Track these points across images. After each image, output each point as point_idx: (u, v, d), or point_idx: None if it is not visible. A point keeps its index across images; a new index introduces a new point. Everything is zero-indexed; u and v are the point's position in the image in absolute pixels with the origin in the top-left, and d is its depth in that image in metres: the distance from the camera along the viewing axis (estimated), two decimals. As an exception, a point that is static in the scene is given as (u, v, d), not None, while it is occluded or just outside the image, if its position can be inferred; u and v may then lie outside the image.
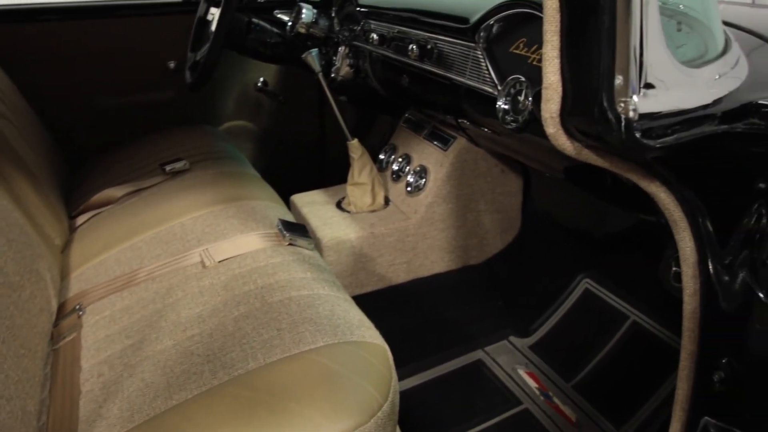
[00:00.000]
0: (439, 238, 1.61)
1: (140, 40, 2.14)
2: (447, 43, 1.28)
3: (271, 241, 1.22)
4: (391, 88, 1.63)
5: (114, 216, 1.50)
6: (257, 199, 1.45)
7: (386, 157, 1.78)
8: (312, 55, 1.58)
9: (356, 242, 1.52)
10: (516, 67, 1.06)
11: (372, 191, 1.61)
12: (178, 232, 1.31)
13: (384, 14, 1.58)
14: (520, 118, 1.01)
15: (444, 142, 1.61)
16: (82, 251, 1.38)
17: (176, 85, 2.22)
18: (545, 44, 0.63)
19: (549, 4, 0.62)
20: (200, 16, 1.90)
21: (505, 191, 1.65)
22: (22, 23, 1.97)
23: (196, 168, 1.68)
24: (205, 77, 1.72)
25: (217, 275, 1.12)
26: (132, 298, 1.13)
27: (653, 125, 0.61)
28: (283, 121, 2.43)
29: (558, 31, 0.62)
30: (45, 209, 1.37)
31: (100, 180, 1.78)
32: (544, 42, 0.63)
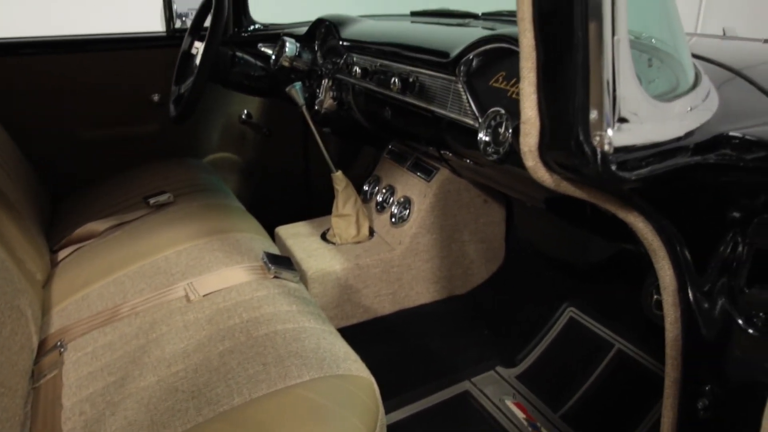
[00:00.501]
0: (423, 268, 1.62)
1: (124, 73, 2.15)
2: (428, 76, 1.31)
3: (256, 274, 1.22)
4: (374, 120, 1.65)
5: (97, 250, 1.49)
6: (242, 232, 1.45)
7: (370, 188, 1.79)
8: (295, 88, 1.60)
9: (341, 274, 1.52)
10: (496, 100, 1.08)
11: (356, 223, 1.61)
12: (162, 265, 1.30)
13: (366, 48, 1.61)
14: (501, 150, 1.03)
15: (427, 173, 1.63)
16: (64, 286, 1.37)
17: (160, 118, 2.23)
18: (522, 80, 0.65)
19: (525, 42, 0.64)
20: (184, 50, 1.92)
21: (488, 221, 1.66)
22: (3, 57, 1.98)
23: (180, 201, 1.68)
24: (189, 110, 1.73)
25: (201, 309, 1.11)
26: (115, 334, 1.12)
27: (628, 158, 0.63)
28: (268, 153, 2.44)
29: (534, 67, 0.64)
30: (26, 243, 1.36)
31: (82, 213, 1.77)
32: (521, 78, 0.65)
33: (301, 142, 2.46)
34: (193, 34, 1.92)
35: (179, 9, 2.37)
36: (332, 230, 1.64)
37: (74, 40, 2.09)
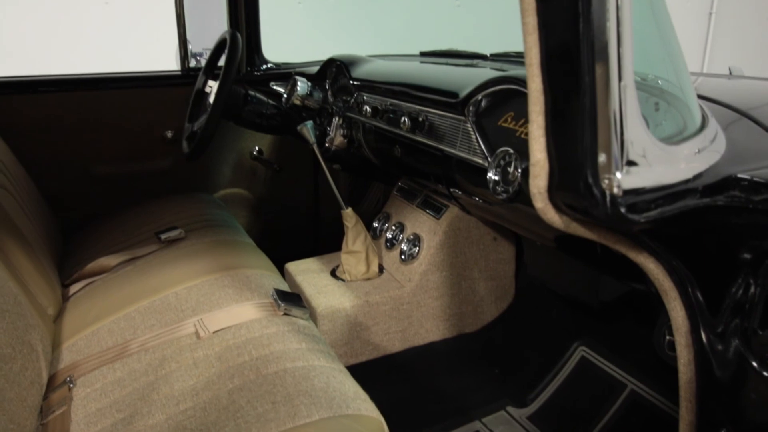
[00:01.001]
0: (433, 306, 1.61)
1: (139, 110, 2.19)
2: (438, 115, 1.33)
3: (266, 310, 1.22)
4: (383, 157, 1.67)
5: (108, 285, 1.50)
6: (252, 268, 1.46)
7: (380, 225, 1.80)
8: (307, 127, 1.63)
9: (351, 311, 1.52)
10: (505, 139, 1.10)
11: (366, 259, 1.62)
12: (172, 301, 1.31)
13: (376, 87, 1.64)
14: (511, 189, 1.04)
15: (437, 210, 1.64)
16: (74, 321, 1.37)
17: (173, 154, 2.27)
18: (531, 123, 0.66)
19: (533, 86, 0.65)
20: (198, 88, 1.96)
21: (498, 259, 1.66)
22: (23, 94, 2.03)
23: (191, 236, 1.69)
24: (202, 147, 1.76)
25: (211, 346, 1.11)
26: (124, 370, 1.11)
27: (637, 200, 0.64)
28: (278, 189, 2.47)
29: (542, 111, 0.65)
30: (39, 278, 1.37)
31: (94, 248, 1.79)
32: (529, 121, 0.66)
33: (311, 179, 2.48)
34: (208, 72, 1.96)
35: (194, 48, 2.43)
36: (342, 267, 1.64)
37: (91, 78, 2.15)
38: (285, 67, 2.43)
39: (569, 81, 0.62)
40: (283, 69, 2.42)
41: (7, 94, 2.00)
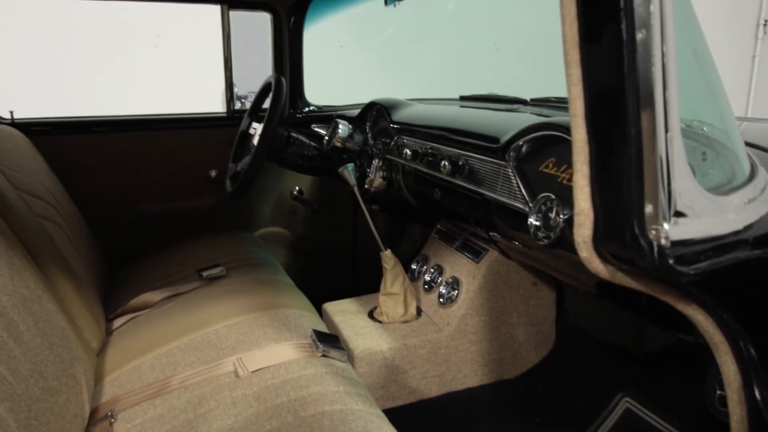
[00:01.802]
0: (472, 351, 1.59)
1: (185, 150, 2.27)
2: (478, 160, 1.34)
3: (305, 351, 1.23)
4: (423, 200, 1.68)
5: (150, 320, 1.53)
6: (291, 308, 1.47)
7: (418, 267, 1.80)
8: (348, 169, 1.65)
9: (388, 354, 1.51)
10: (546, 185, 1.09)
11: (404, 302, 1.61)
12: (212, 339, 1.32)
13: (416, 131, 1.66)
14: (552, 235, 1.03)
15: (476, 254, 1.63)
16: (117, 355, 1.40)
17: (216, 192, 2.33)
18: (575, 173, 0.66)
19: (577, 136, 0.65)
20: (243, 130, 2.02)
21: (538, 304, 1.64)
22: (76, 134, 2.13)
23: (232, 274, 1.72)
24: (245, 187, 1.80)
25: (250, 386, 1.12)
26: (164, 407, 1.13)
27: (686, 251, 0.63)
28: (317, 229, 2.50)
29: (587, 161, 0.65)
30: (85, 312, 1.41)
31: (138, 283, 1.83)
32: (574, 170, 0.66)
33: (349, 219, 2.51)
34: (252, 115, 2.02)
35: (239, 92, 2.51)
36: (380, 308, 1.64)
37: (141, 119, 2.24)
38: (326, 110, 2.49)
39: (614, 131, 0.62)
40: (325, 111, 2.48)
41: (62, 134, 2.11)
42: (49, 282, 1.27)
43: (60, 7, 4.05)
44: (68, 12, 4.18)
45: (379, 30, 4.38)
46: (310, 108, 2.49)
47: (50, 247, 1.40)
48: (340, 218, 2.49)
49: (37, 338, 1.04)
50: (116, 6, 2.49)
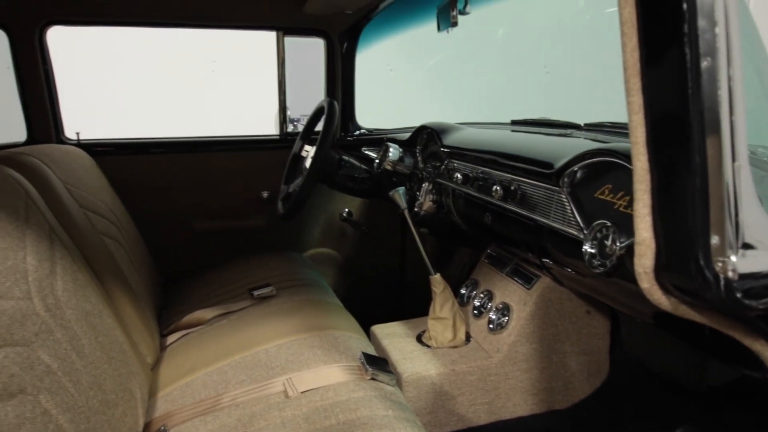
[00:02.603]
0: (522, 379, 1.55)
1: (238, 171, 2.33)
2: (530, 185, 1.32)
3: (354, 374, 1.23)
4: (473, 224, 1.67)
5: (203, 338, 1.56)
6: (340, 330, 1.48)
7: (467, 291, 1.78)
8: (399, 192, 1.66)
9: (437, 379, 1.50)
10: (602, 212, 1.07)
11: (453, 327, 1.60)
12: (263, 358, 1.34)
13: (467, 155, 1.66)
14: (608, 263, 1.01)
15: (527, 280, 1.60)
16: (170, 371, 1.43)
17: (267, 213, 2.38)
18: (636, 201, 0.65)
19: (639, 165, 0.64)
20: (295, 152, 2.06)
21: (591, 333, 1.59)
22: (135, 154, 2.22)
23: (282, 294, 1.74)
24: (297, 209, 1.83)
25: (299, 406, 1.12)
26: (215, 423, 1.14)
27: (755, 285, 0.60)
28: (366, 251, 2.51)
29: (648, 190, 0.64)
30: (142, 327, 1.45)
31: (191, 300, 1.88)
32: (635, 199, 0.65)
33: (397, 242, 2.51)
34: (304, 137, 2.06)
35: (292, 115, 2.58)
36: (428, 333, 1.63)
37: (198, 141, 2.32)
38: (377, 133, 2.52)
39: (678, 160, 0.61)
40: (375, 135, 2.50)
41: (122, 154, 2.20)
42: (109, 297, 1.32)
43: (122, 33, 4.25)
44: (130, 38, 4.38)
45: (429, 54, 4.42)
46: (361, 131, 2.53)
47: (111, 264, 1.45)
48: (388, 241, 2.50)
49: (97, 352, 1.08)
50: (175, 32, 2.61)
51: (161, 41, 4.45)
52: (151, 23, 2.18)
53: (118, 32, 4.19)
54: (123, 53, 4.42)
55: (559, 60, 3.85)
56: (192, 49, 4.62)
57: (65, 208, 1.35)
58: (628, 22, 0.62)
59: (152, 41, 4.44)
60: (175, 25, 2.18)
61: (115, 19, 2.11)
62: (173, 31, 2.27)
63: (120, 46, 4.39)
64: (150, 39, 4.42)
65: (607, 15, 3.32)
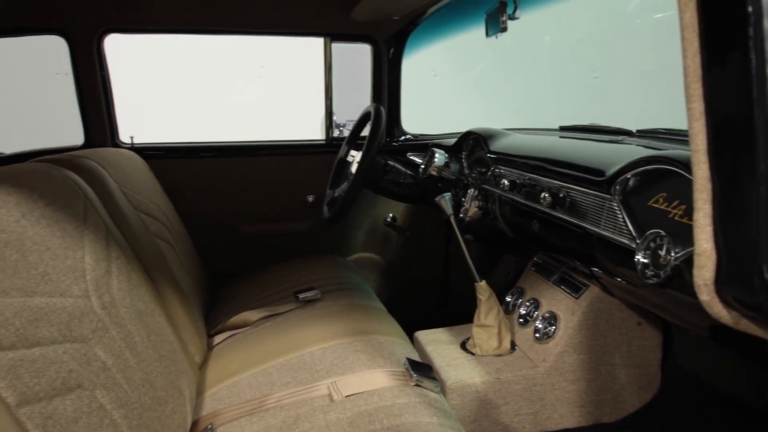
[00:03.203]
0: (569, 390, 1.52)
1: (284, 175, 2.36)
2: (580, 192, 1.30)
3: (398, 379, 1.23)
4: (519, 231, 1.65)
5: (249, 339, 1.59)
6: (384, 335, 1.48)
7: (513, 299, 1.76)
8: (445, 198, 1.65)
9: (481, 387, 1.48)
10: (655, 221, 1.04)
11: (498, 335, 1.58)
12: (307, 361, 1.35)
13: (514, 161, 1.64)
14: (662, 273, 0.98)
15: (575, 289, 1.57)
16: (217, 370, 1.46)
17: (312, 217, 2.40)
18: (696, 211, 0.63)
19: (699, 173, 0.62)
20: (341, 157, 2.08)
21: (642, 345, 1.55)
22: (185, 158, 2.27)
23: (327, 298, 1.76)
24: (342, 213, 1.84)
25: (343, 410, 1.13)
26: (261, 424, 1.16)
27: None
28: (409, 257, 2.51)
29: (709, 199, 0.62)
30: (190, 327, 1.49)
31: (237, 302, 1.91)
32: (695, 209, 0.63)
33: (441, 248, 2.50)
34: (350, 142, 2.08)
35: (338, 120, 2.60)
36: (472, 340, 1.61)
37: (245, 145, 2.37)
38: (422, 138, 2.52)
39: (741, 168, 0.59)
40: (420, 140, 2.50)
41: (173, 158, 2.26)
42: (160, 297, 1.36)
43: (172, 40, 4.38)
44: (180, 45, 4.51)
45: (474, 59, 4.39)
46: (406, 136, 2.53)
47: (162, 265, 1.49)
48: (432, 247, 2.49)
49: (149, 350, 1.11)
50: (223, 38, 2.71)
51: (210, 47, 4.57)
52: (203, 30, 2.24)
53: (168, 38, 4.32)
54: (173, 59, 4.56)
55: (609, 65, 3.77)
56: (240, 54, 4.73)
57: (120, 210, 1.40)
58: (689, 27, 0.60)
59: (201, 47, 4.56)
60: (226, 32, 2.23)
61: (168, 27, 2.17)
62: (222, 37, 2.33)
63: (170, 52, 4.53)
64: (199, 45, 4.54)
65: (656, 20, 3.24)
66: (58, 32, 1.99)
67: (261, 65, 4.89)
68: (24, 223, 0.89)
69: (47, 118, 4.06)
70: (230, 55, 4.68)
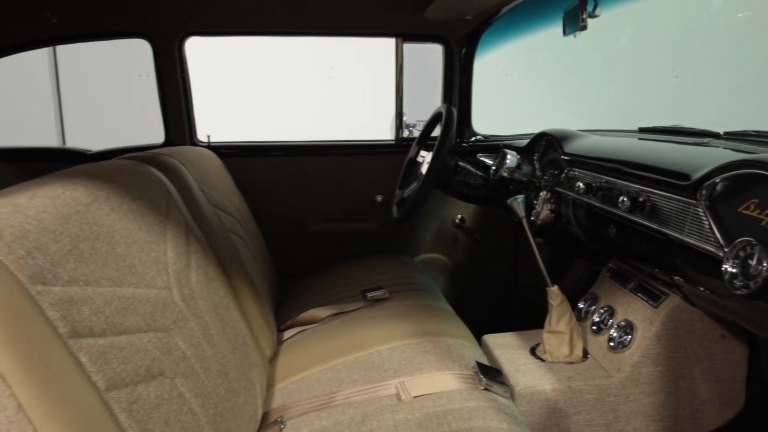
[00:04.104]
0: (644, 402, 1.46)
1: (353, 175, 2.39)
2: (662, 197, 1.24)
3: (467, 383, 1.21)
4: (594, 236, 1.59)
5: (318, 335, 1.61)
6: (453, 337, 1.47)
7: (586, 306, 1.70)
8: (518, 200, 1.63)
9: (551, 395, 1.44)
10: (746, 228, 0.98)
11: (570, 341, 1.53)
12: (375, 360, 1.36)
13: (589, 163, 1.59)
14: (752, 285, 0.93)
15: (654, 298, 1.50)
16: (286, 365, 1.49)
17: (380, 217, 2.41)
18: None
19: None
20: (411, 158, 2.08)
21: (726, 359, 1.46)
22: (257, 157, 2.34)
23: (394, 297, 1.76)
24: (412, 214, 1.84)
25: (411, 411, 1.12)
26: (329, 420, 1.17)
27: None
28: (477, 259, 2.48)
29: None
30: (262, 322, 1.52)
31: (305, 298, 1.94)
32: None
33: (510, 251, 2.46)
34: (421, 143, 2.07)
35: (408, 120, 2.60)
36: (543, 346, 1.57)
37: (315, 145, 2.41)
38: (492, 139, 2.48)
39: None
40: (491, 141, 2.47)
41: (245, 156, 2.32)
42: (234, 291, 1.40)
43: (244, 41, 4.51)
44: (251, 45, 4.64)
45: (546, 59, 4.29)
46: (477, 137, 2.50)
47: (236, 260, 1.54)
48: (500, 249, 2.46)
49: (224, 342, 1.14)
50: (293, 39, 2.77)
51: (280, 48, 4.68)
52: (279, 32, 2.30)
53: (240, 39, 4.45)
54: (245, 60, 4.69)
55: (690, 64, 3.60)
56: (310, 55, 4.82)
57: (199, 206, 1.45)
58: None
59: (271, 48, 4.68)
60: (301, 33, 2.28)
61: (245, 30, 2.24)
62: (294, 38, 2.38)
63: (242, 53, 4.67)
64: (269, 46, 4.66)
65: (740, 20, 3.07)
66: (143, 36, 2.09)
67: (331, 66, 4.96)
68: (113, 216, 0.94)
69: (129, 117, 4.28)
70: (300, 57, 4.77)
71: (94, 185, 0.95)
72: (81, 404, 0.65)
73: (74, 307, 0.72)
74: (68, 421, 0.61)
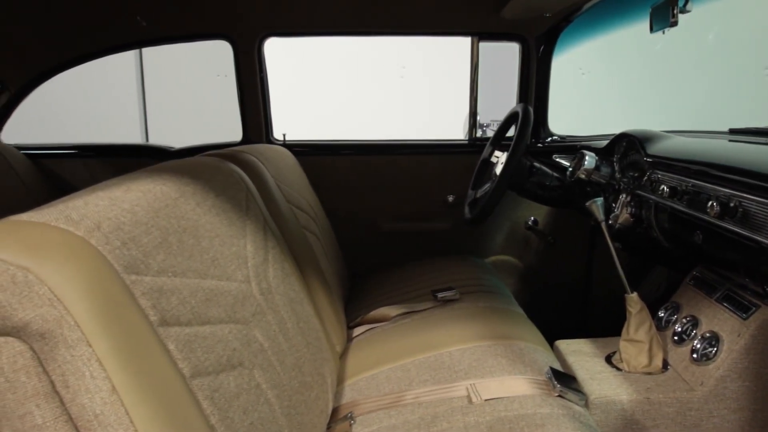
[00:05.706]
0: (730, 419, 1.38)
1: (425, 174, 2.38)
2: (756, 202, 1.17)
3: (540, 388, 1.19)
4: (678, 242, 1.52)
5: (387, 334, 1.62)
6: (525, 341, 1.44)
7: (667, 315, 1.63)
8: (597, 203, 1.58)
9: (628, 406, 1.39)
10: None
11: (649, 351, 1.47)
12: (446, 361, 1.35)
13: (674, 166, 1.52)
14: None
15: (743, 309, 1.42)
16: (356, 362, 1.51)
17: (452, 217, 2.40)
18: None
19: None
20: (484, 158, 2.05)
21: (823, 379, 1.37)
22: (330, 155, 2.37)
23: (465, 299, 1.75)
24: (485, 214, 1.82)
25: (482, 414, 1.11)
26: (399, 418, 1.18)
27: None
28: (550, 262, 2.42)
29: None
30: (333, 318, 1.55)
31: (375, 296, 1.96)
32: None
33: (584, 255, 2.38)
34: (495, 143, 2.04)
35: (482, 120, 2.57)
36: (619, 354, 1.51)
37: (387, 144, 2.42)
38: (569, 140, 2.42)
39: None
40: (567, 142, 2.41)
41: (318, 154, 2.37)
42: (307, 287, 1.43)
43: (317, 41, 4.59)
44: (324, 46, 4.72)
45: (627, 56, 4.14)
46: (553, 138, 2.45)
47: (310, 256, 1.57)
48: (574, 253, 2.39)
49: (298, 336, 1.17)
50: (366, 39, 2.81)
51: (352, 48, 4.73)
52: (355, 32, 2.32)
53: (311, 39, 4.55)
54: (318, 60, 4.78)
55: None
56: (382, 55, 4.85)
57: (276, 202, 1.49)
58: None
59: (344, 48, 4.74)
60: (377, 33, 2.30)
61: (322, 30, 2.28)
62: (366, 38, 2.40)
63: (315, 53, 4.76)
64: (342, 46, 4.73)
65: None
66: (225, 37, 2.17)
67: (403, 65, 4.98)
68: (198, 211, 0.98)
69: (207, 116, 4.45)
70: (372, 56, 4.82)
71: (182, 181, 0.99)
72: (169, 390, 0.68)
73: (163, 296, 0.75)
74: (157, 406, 0.64)
